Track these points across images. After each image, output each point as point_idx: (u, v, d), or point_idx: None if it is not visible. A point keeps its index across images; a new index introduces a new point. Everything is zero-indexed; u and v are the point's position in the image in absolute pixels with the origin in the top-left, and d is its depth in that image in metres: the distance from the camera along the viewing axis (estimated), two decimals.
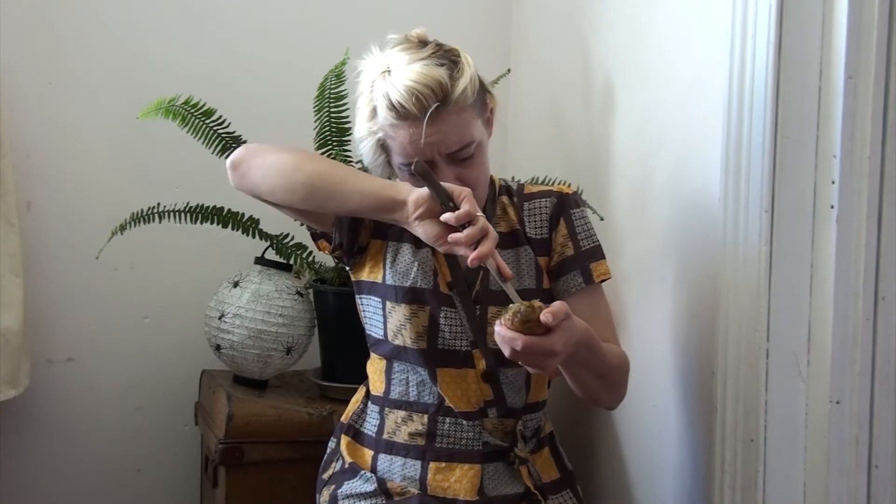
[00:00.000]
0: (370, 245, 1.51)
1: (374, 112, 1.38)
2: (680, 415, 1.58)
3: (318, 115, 1.86)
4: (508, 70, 2.15)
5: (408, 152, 1.36)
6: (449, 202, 1.27)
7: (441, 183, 1.29)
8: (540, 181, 1.84)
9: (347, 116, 1.86)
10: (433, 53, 1.37)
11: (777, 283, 1.35)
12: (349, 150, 1.87)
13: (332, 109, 1.85)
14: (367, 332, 1.54)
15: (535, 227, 1.50)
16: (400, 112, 1.33)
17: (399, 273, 1.47)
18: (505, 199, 1.52)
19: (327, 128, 1.86)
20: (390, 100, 1.34)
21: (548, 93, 2.08)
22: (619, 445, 1.74)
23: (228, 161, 1.45)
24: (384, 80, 1.36)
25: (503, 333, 1.23)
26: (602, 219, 1.73)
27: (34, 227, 2.02)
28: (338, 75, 1.83)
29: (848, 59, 1.28)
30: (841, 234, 1.30)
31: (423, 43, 1.40)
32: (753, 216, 1.36)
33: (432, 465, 1.46)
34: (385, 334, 1.49)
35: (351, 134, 1.86)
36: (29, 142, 2.02)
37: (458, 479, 1.45)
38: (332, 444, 1.58)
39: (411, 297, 1.46)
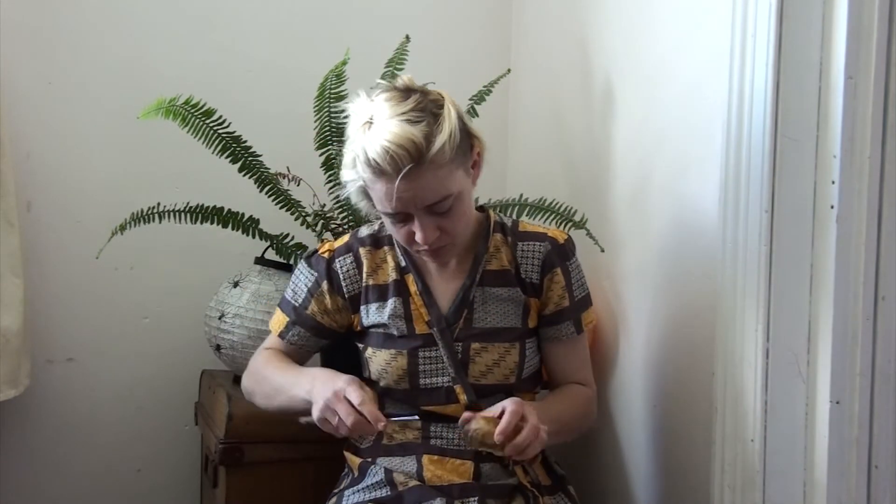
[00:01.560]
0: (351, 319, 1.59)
1: (354, 162, 1.40)
2: (680, 415, 1.58)
3: (319, 115, 1.86)
4: (508, 70, 2.14)
5: (384, 204, 1.39)
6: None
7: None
8: (546, 204, 1.82)
9: (348, 116, 1.86)
10: (414, 107, 1.36)
11: (777, 283, 1.35)
12: None
13: (332, 109, 1.85)
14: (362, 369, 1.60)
15: (527, 270, 1.52)
16: (375, 169, 1.35)
17: (374, 324, 1.53)
18: (499, 237, 1.54)
19: (327, 128, 1.85)
20: (367, 156, 1.35)
21: (548, 93, 2.09)
22: (619, 446, 1.74)
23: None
24: (364, 133, 1.37)
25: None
26: (603, 250, 1.72)
27: (34, 227, 2.02)
28: (338, 75, 1.83)
29: (848, 59, 1.28)
30: (841, 234, 1.30)
31: (408, 92, 1.40)
32: (753, 216, 1.36)
33: (425, 457, 1.48)
34: (370, 375, 1.55)
35: None
36: (29, 142, 2.02)
37: (451, 470, 1.47)
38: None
39: (389, 343, 1.51)
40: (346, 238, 1.58)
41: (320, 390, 1.39)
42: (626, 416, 1.72)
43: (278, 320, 1.59)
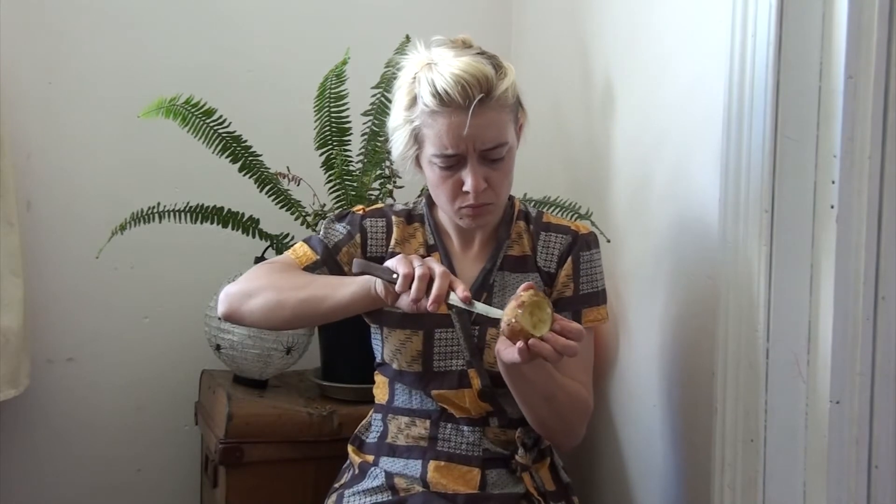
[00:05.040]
0: None
1: (413, 101, 1.39)
2: (680, 415, 1.58)
3: (319, 115, 1.86)
4: None
5: (443, 143, 1.37)
6: (392, 276, 1.30)
7: (378, 266, 1.33)
8: (550, 200, 1.83)
9: (348, 116, 1.86)
10: (479, 54, 1.40)
11: (777, 283, 1.35)
12: (349, 150, 1.88)
13: (332, 109, 1.85)
14: (375, 353, 1.57)
15: (546, 260, 1.52)
16: (444, 99, 1.35)
17: None
18: (522, 224, 1.54)
19: (327, 128, 1.86)
20: (435, 87, 1.35)
21: (548, 93, 2.08)
22: (619, 446, 1.74)
23: (220, 314, 1.48)
24: (430, 70, 1.37)
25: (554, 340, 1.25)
26: (609, 241, 1.73)
27: (34, 227, 2.02)
28: (338, 75, 1.83)
29: (848, 59, 1.28)
30: (841, 234, 1.29)
31: (468, 45, 1.42)
32: (753, 216, 1.36)
33: (432, 463, 1.47)
34: (383, 358, 1.53)
35: (351, 134, 1.87)
36: (29, 142, 2.02)
37: (457, 478, 1.46)
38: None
39: (405, 322, 1.48)
40: (380, 205, 1.58)
41: (389, 262, 1.32)
42: (625, 416, 1.72)
43: (305, 254, 1.50)
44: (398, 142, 1.43)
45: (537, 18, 2.19)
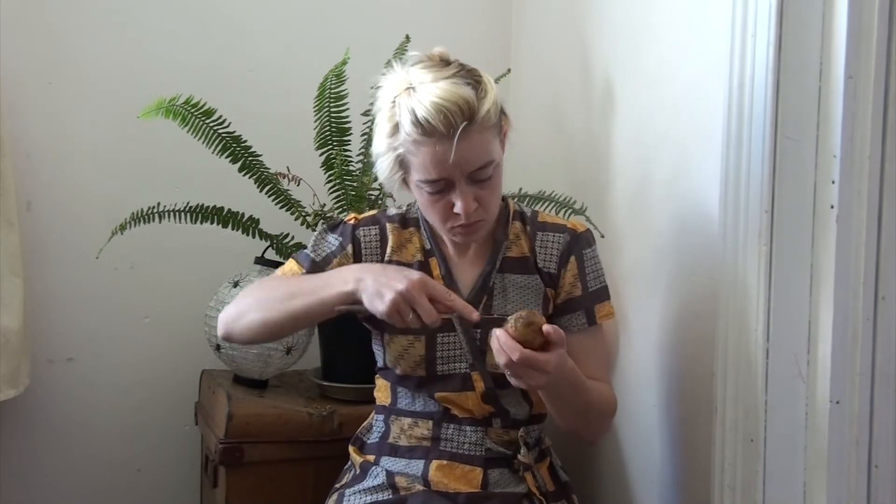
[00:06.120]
0: None
1: (395, 128, 1.36)
2: (680, 415, 1.58)
3: (319, 115, 1.86)
4: (508, 70, 2.15)
5: (429, 170, 1.35)
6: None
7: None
8: (545, 195, 1.84)
9: (348, 116, 1.86)
10: (457, 73, 1.36)
11: (777, 283, 1.35)
12: (349, 150, 1.88)
13: (332, 109, 1.85)
14: (376, 357, 1.57)
15: (545, 260, 1.51)
16: (426, 128, 1.32)
17: None
18: (518, 224, 1.53)
19: (327, 128, 1.86)
20: (416, 116, 1.32)
21: (548, 93, 2.09)
22: (619, 446, 1.74)
23: (220, 338, 1.51)
24: (409, 96, 1.34)
25: (504, 340, 1.26)
26: (603, 236, 1.73)
27: (34, 227, 2.02)
28: (338, 75, 1.83)
29: (848, 59, 1.28)
30: (841, 234, 1.30)
31: (445, 62, 1.39)
32: (753, 216, 1.36)
33: (434, 462, 1.47)
34: (385, 363, 1.52)
35: (351, 134, 1.87)
36: (29, 142, 2.02)
37: (458, 478, 1.46)
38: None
39: (406, 328, 1.45)
40: (373, 212, 1.57)
41: (383, 280, 1.30)
42: (625, 416, 1.72)
43: (292, 270, 1.51)
44: (383, 167, 1.41)
45: (537, 18, 2.19)
